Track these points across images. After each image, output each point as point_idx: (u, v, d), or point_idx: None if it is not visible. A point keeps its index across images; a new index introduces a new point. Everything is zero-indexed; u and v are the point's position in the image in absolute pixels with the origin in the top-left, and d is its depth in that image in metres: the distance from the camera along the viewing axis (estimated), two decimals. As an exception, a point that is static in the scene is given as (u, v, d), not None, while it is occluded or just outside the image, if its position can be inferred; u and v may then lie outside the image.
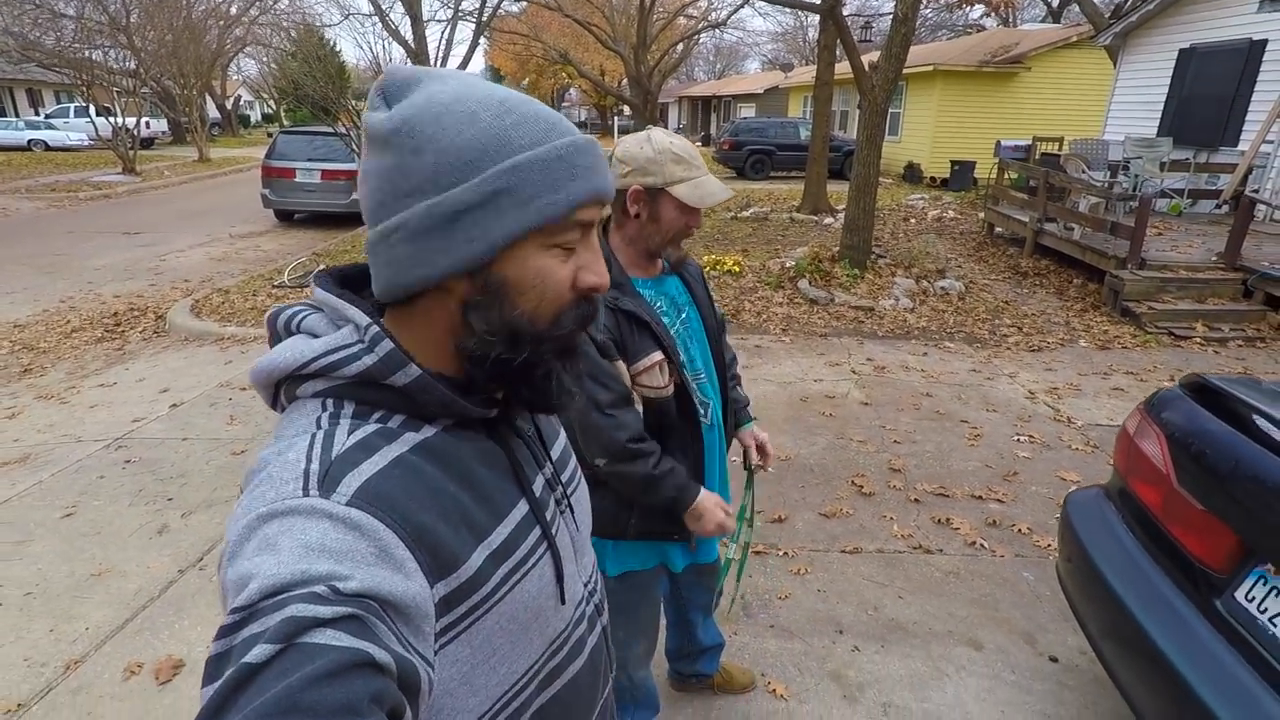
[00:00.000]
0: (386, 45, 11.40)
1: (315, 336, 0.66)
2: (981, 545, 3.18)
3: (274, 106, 37.31)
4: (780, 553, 3.11)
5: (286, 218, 12.17)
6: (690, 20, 23.24)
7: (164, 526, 3.30)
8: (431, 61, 11.86)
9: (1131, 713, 2.25)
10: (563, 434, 0.89)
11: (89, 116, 19.79)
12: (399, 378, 0.64)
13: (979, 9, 16.34)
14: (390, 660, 0.48)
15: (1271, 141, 8.67)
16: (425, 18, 11.71)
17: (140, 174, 18.16)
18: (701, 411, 1.65)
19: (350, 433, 0.62)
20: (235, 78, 39.09)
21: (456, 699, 0.65)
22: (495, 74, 55.06)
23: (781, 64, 35.44)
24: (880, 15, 18.66)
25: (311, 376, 0.65)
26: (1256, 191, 8.40)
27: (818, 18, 11.54)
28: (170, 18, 21.43)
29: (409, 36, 11.70)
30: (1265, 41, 9.08)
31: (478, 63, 52.63)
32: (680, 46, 23.11)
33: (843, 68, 13.59)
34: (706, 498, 1.55)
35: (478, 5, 12.40)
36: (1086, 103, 15.02)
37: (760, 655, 2.53)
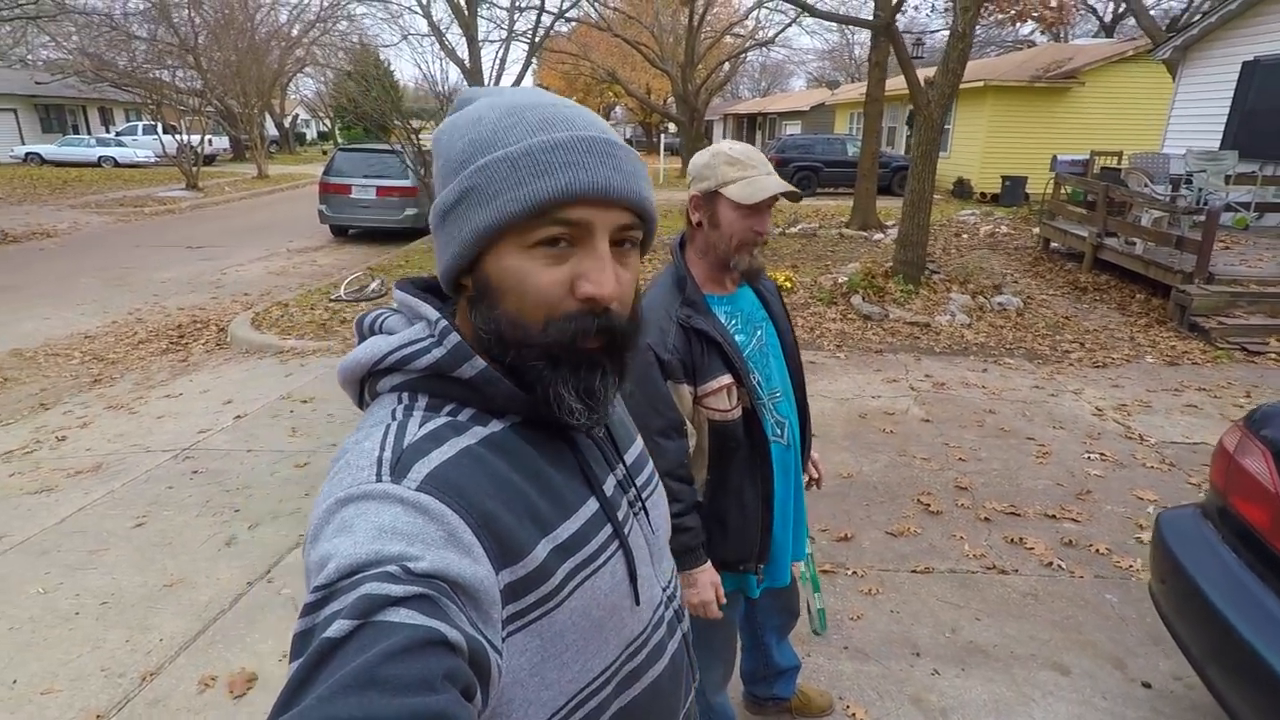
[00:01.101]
0: (444, 64, 11.64)
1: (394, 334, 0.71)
2: (1059, 565, 3.08)
3: (329, 125, 38.50)
4: (849, 572, 3.06)
5: (342, 233, 12.50)
6: (738, 39, 23.39)
7: (232, 538, 3.36)
8: (485, 80, 12.12)
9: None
10: (638, 440, 0.89)
11: (156, 134, 20.68)
12: (466, 369, 0.67)
13: (1029, 25, 16.09)
14: (461, 639, 0.49)
15: (1345, 154, 8.34)
16: (480, 38, 11.98)
17: (202, 190, 18.89)
18: (778, 431, 1.63)
19: (422, 424, 0.65)
20: (293, 96, 40.49)
21: (528, 690, 0.65)
22: (542, 93, 56.06)
23: (828, 81, 35.38)
24: (929, 32, 18.52)
25: (389, 371, 0.69)
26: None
27: (865, 36, 11.50)
28: (236, 39, 22.37)
29: (464, 56, 11.97)
30: (1338, 52, 8.77)
31: (527, 82, 53.47)
32: (727, 65, 23.24)
33: (892, 84, 13.51)
34: (707, 573, 1.52)
35: (530, 26, 12.66)
36: (1143, 117, 14.67)
37: (836, 678, 2.48)
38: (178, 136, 18.41)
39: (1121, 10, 23.42)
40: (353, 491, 0.58)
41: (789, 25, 20.22)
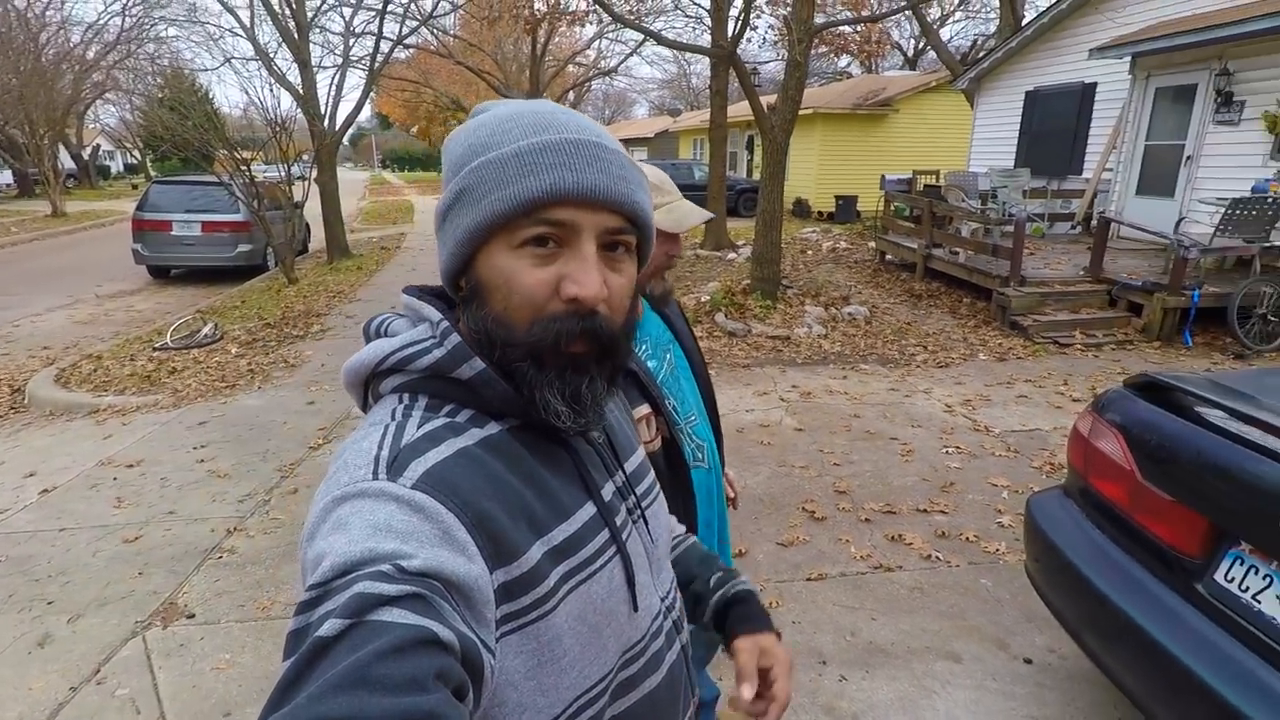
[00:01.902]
0: (275, 90, 10.86)
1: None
2: (936, 557, 3.26)
3: (138, 156, 34.85)
4: (748, 584, 3.07)
5: (162, 274, 11.34)
6: (581, 68, 23.76)
7: (46, 636, 2.83)
8: (321, 108, 11.46)
9: (1113, 697, 2.35)
10: (641, 449, 0.89)
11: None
12: (464, 370, 0.68)
13: (846, 58, 17.67)
14: (453, 638, 0.50)
15: (1110, 169, 9.72)
16: (314, 63, 11.33)
17: (-20, 233, 16.46)
18: (698, 456, 1.58)
19: (420, 425, 0.66)
20: (93, 125, 36.37)
21: (523, 694, 0.64)
22: (384, 121, 54.08)
23: (669, 109, 36.73)
24: (761, 63, 19.77)
25: (391, 371, 0.70)
26: (1104, 212, 9.33)
27: (703, 66, 12.01)
28: (16, 61, 19.74)
29: (298, 82, 11.26)
30: (1095, 84, 10.25)
31: (365, 111, 51.49)
32: (572, 94, 23.53)
33: (733, 111, 14.21)
34: None
35: (368, 52, 12.14)
36: (950, 139, 16.36)
37: (750, 691, 2.45)
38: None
39: (923, 45, 26.18)
40: (349, 489, 0.59)
41: (630, 55, 20.87)
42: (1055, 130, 10.96)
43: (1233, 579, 1.72)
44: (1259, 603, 1.65)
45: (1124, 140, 9.37)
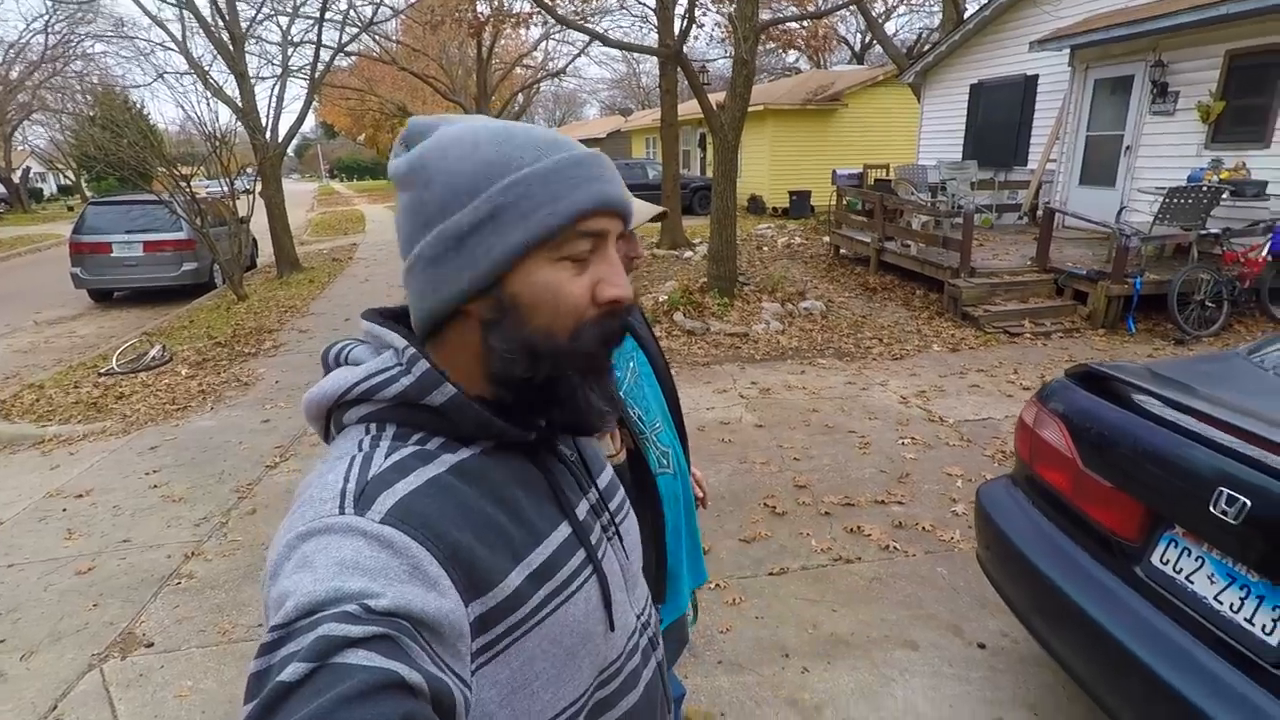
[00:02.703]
0: (212, 104, 10.58)
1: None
2: (894, 547, 3.32)
3: (72, 177, 33.66)
4: (712, 585, 3.09)
5: (104, 298, 10.95)
6: (528, 70, 23.63)
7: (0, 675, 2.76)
8: (262, 120, 11.19)
9: (1063, 679, 2.42)
10: (610, 466, 0.88)
11: None
12: (435, 397, 0.66)
13: (794, 54, 17.88)
14: (421, 681, 0.49)
15: (1054, 160, 10.00)
16: (252, 75, 11.05)
17: (-93, 260, 15.74)
18: (663, 463, 1.59)
19: (388, 455, 0.64)
20: (21, 148, 35.03)
21: None
22: (329, 130, 53.06)
23: (620, 109, 36.76)
24: (709, 60, 19.88)
25: (356, 402, 0.68)
26: (1049, 203, 9.60)
27: (652, 65, 12.03)
28: (-64, 82, 18.93)
29: (235, 95, 10.98)
30: (1037, 76, 10.53)
31: (309, 121, 50.51)
32: (521, 96, 23.38)
33: (684, 109, 14.27)
34: None
35: (308, 62, 11.90)
36: (899, 133, 16.67)
37: (716, 694, 2.47)
38: None
39: (869, 40, 26.61)
40: (314, 525, 0.57)
41: (577, 56, 20.80)
42: (1000, 122, 11.23)
43: (1167, 561, 1.78)
44: (1192, 583, 1.71)
45: (1066, 131, 9.64)
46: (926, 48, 13.98)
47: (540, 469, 0.73)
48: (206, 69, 11.17)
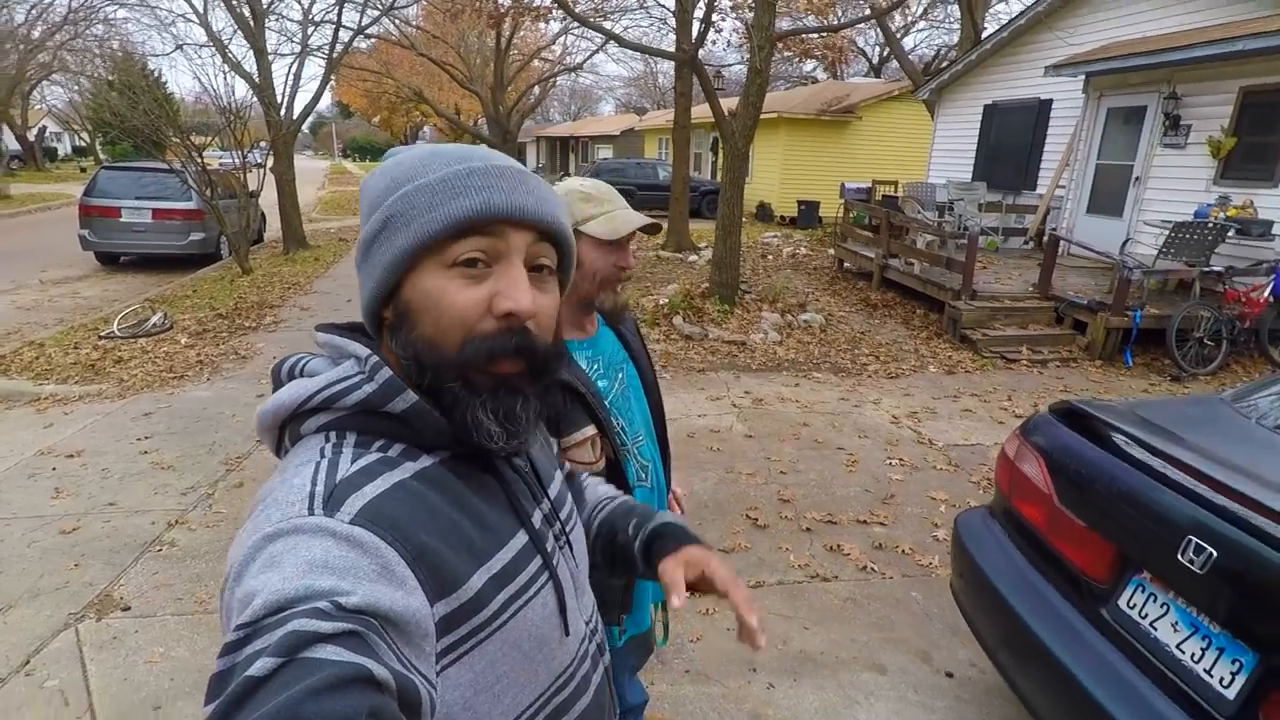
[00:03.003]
0: (229, 77, 10.58)
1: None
2: (872, 568, 3.33)
3: (87, 139, 33.68)
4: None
5: (111, 261, 11.00)
6: (546, 63, 23.60)
7: (-26, 629, 2.78)
8: (278, 95, 11.19)
9: (1026, 718, 2.42)
10: (559, 475, 0.90)
11: None
12: (397, 404, 0.67)
13: (811, 63, 17.86)
14: (389, 677, 0.49)
15: (1064, 186, 9.99)
16: (270, 51, 11.06)
17: (-84, 212, 15.77)
18: (641, 476, 1.59)
19: (354, 460, 0.65)
20: (39, 106, 35.03)
21: None
22: (344, 110, 53.03)
23: (635, 107, 36.73)
24: (726, 65, 19.85)
25: (315, 411, 0.69)
26: (1055, 230, 9.60)
27: (669, 66, 12.02)
28: (-43, 39, 18.93)
29: (253, 70, 10.99)
30: (1051, 101, 10.51)
31: (325, 99, 50.51)
32: (537, 89, 23.37)
33: (696, 111, 14.25)
34: None
35: (327, 41, 11.90)
36: (911, 149, 16.63)
37: (679, 703, 2.49)
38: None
39: (887, 54, 26.57)
40: (282, 526, 0.58)
41: (596, 52, 20.76)
42: (1012, 145, 11.21)
43: (1134, 605, 1.79)
44: (1156, 629, 1.72)
45: (1076, 158, 9.63)
46: (944, 65, 13.96)
47: (496, 478, 0.75)
48: (226, 43, 11.18)
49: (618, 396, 1.55)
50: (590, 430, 1.43)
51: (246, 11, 10.87)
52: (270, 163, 11.36)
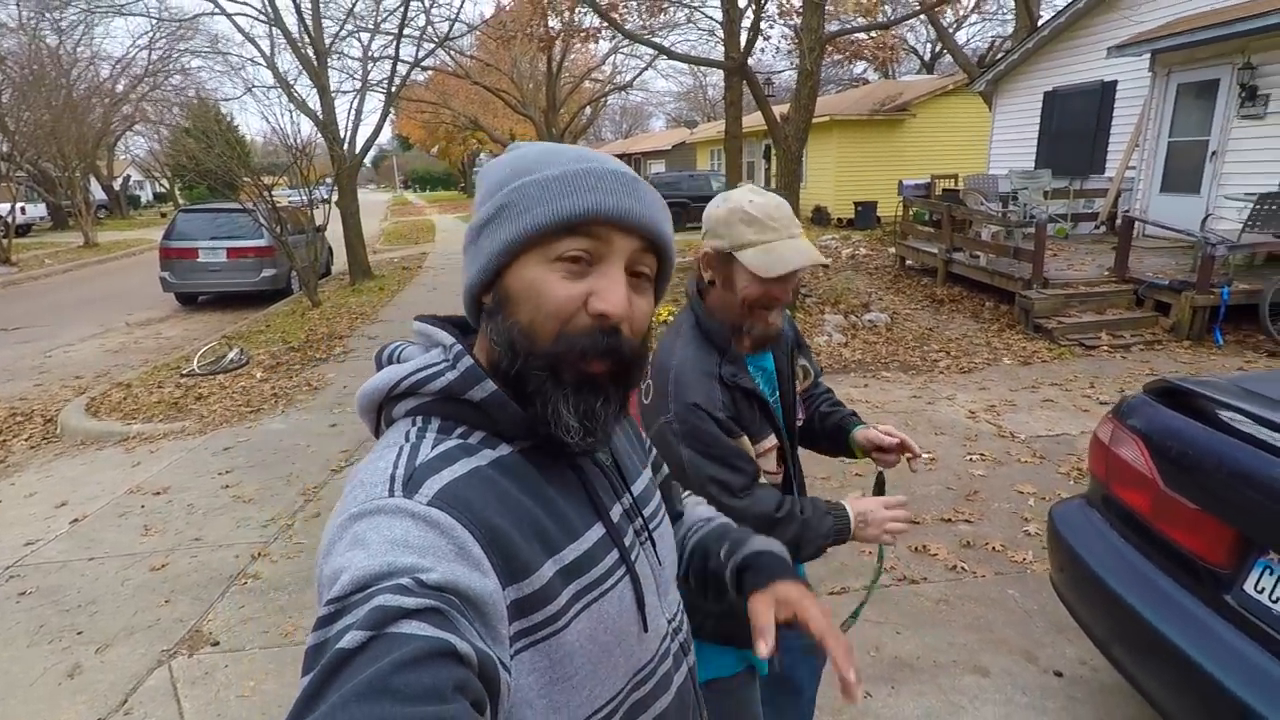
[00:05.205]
0: (295, 117, 11.09)
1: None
2: (962, 568, 3.20)
3: (166, 185, 35.74)
4: (769, 598, 3.04)
5: (190, 301, 11.55)
6: (596, 84, 23.95)
7: (75, 667, 2.86)
8: (341, 132, 11.66)
9: (1150, 713, 2.28)
10: (646, 473, 0.90)
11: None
12: (476, 392, 0.70)
13: (862, 64, 17.63)
14: (471, 652, 0.50)
15: (1133, 167, 9.56)
16: (333, 89, 11.55)
17: (17, 264, 16.93)
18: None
19: (435, 445, 0.68)
20: (123, 157, 37.30)
21: (537, 713, 0.66)
22: (404, 142, 54.90)
23: (685, 121, 36.87)
24: (776, 72, 19.79)
25: (404, 395, 0.72)
26: (1128, 212, 9.19)
27: (717, 77, 12.04)
28: (49, 96, 20.33)
29: (317, 108, 11.48)
30: (1115, 82, 10.11)
31: (385, 133, 52.33)
32: (589, 109, 23.71)
33: (748, 121, 14.21)
34: (858, 503, 1.35)
35: (386, 75, 12.36)
36: (969, 142, 16.21)
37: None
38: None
39: (939, 49, 26.03)
40: (366, 507, 0.60)
41: (645, 69, 20.96)
42: (1076, 130, 10.82)
43: (1263, 589, 1.67)
44: (1291, 613, 1.59)
45: (1146, 138, 9.22)
46: (999, 56, 13.59)
47: (575, 471, 0.75)
48: (291, 83, 11.72)
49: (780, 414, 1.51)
50: (773, 440, 1.41)
51: (310, 52, 11.39)
52: (335, 197, 11.81)
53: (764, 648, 0.72)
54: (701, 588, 0.97)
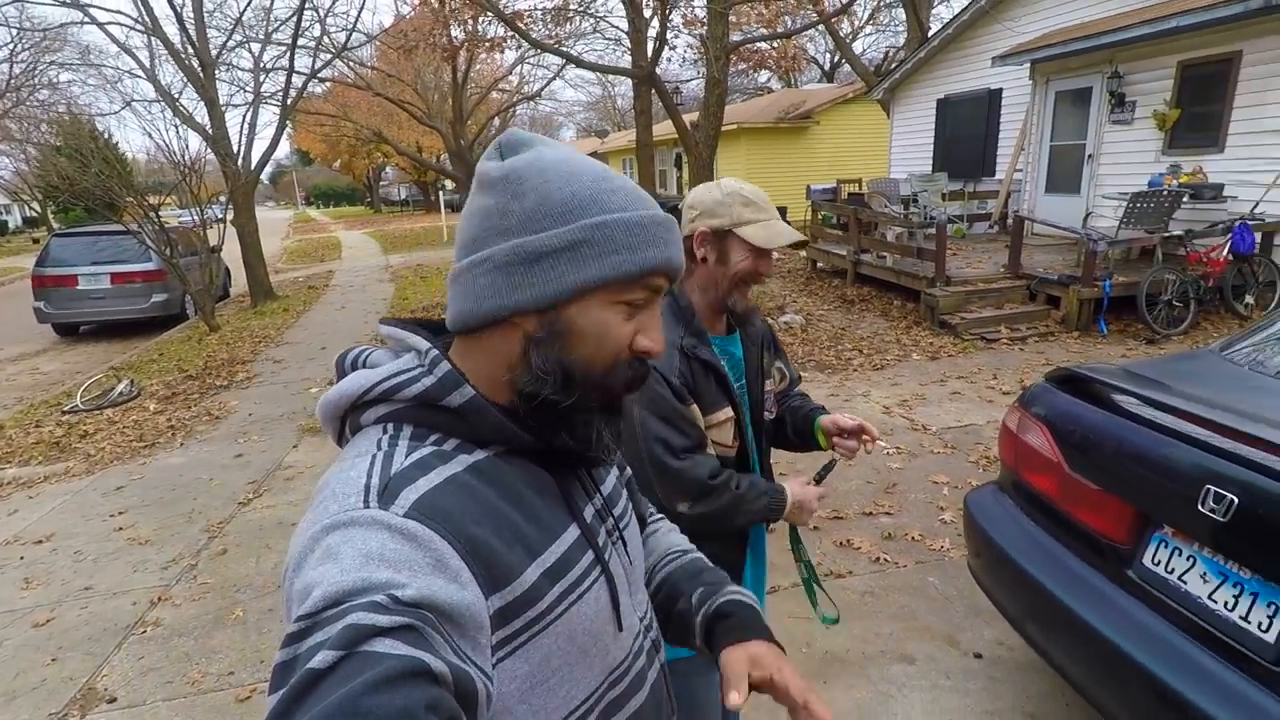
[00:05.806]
0: (181, 132, 10.47)
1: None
2: (885, 559, 3.29)
3: (38, 209, 33.11)
4: (701, 604, 3.03)
5: (70, 332, 10.74)
6: (504, 94, 23.71)
7: (-49, 734, 2.60)
8: (234, 147, 11.08)
9: (1063, 688, 2.39)
10: (613, 473, 0.90)
11: None
12: (454, 398, 0.69)
13: (766, 73, 18.19)
14: (446, 670, 0.50)
15: (1021, 170, 10.19)
16: (222, 102, 10.96)
17: None
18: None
19: (408, 453, 0.66)
20: (-17, 180, 34.33)
21: (517, 717, 0.66)
22: (304, 157, 52.78)
23: (596, 130, 37.00)
24: (683, 81, 20.10)
25: (375, 402, 0.70)
26: (1018, 211, 9.77)
27: (626, 87, 12.13)
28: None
29: (206, 122, 10.87)
30: (1001, 90, 10.77)
31: (284, 148, 50.21)
32: (497, 120, 23.44)
33: (659, 129, 14.38)
34: (794, 489, 1.53)
35: (280, 88, 11.82)
36: (870, 148, 16.92)
37: (708, 716, 2.41)
38: None
39: (839, 59, 27.09)
40: (339, 518, 0.59)
41: (553, 78, 20.96)
42: (967, 135, 11.46)
43: (1159, 562, 1.77)
44: (1185, 583, 1.69)
45: (1030, 142, 9.84)
46: (894, 65, 14.27)
47: (549, 473, 0.76)
48: (176, 96, 11.04)
49: (741, 394, 1.57)
50: (730, 412, 1.47)
51: (195, 64, 10.76)
52: (230, 215, 11.21)
53: (737, 697, 0.74)
54: (664, 624, 0.95)
